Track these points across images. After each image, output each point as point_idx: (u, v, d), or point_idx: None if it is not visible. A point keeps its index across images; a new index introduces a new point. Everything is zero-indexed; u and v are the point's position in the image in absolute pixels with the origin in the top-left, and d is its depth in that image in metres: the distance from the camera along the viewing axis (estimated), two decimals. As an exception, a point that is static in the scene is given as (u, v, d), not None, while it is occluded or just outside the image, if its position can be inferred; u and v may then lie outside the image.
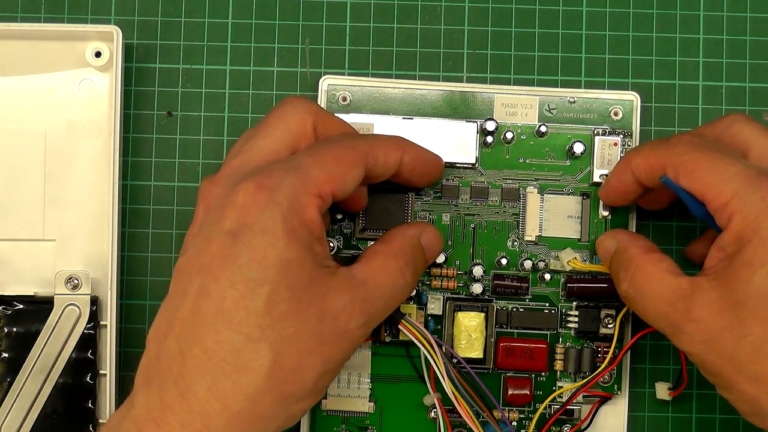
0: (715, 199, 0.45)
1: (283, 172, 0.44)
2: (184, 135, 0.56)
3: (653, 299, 0.47)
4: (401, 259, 0.48)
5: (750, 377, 0.44)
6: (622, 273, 0.49)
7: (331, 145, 0.47)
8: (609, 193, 0.53)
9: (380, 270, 0.47)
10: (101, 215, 0.54)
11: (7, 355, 0.53)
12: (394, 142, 0.49)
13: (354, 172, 0.46)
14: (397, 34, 0.57)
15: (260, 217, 0.43)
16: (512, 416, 0.54)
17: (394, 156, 0.49)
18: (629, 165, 0.50)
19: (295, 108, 0.48)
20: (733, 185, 0.45)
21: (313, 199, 0.44)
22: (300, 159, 0.45)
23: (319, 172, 0.45)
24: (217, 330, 0.42)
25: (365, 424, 0.54)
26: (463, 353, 0.53)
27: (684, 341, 0.46)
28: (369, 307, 0.46)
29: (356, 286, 0.45)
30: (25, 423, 0.52)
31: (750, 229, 0.44)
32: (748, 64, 0.57)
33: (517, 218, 0.54)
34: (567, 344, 0.54)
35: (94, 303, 0.53)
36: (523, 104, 0.54)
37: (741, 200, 0.45)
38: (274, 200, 0.43)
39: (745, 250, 0.44)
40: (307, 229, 0.44)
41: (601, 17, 0.57)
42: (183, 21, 0.56)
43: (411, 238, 0.50)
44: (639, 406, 0.55)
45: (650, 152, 0.49)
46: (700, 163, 0.46)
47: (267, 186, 0.44)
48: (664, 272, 0.47)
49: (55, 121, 0.55)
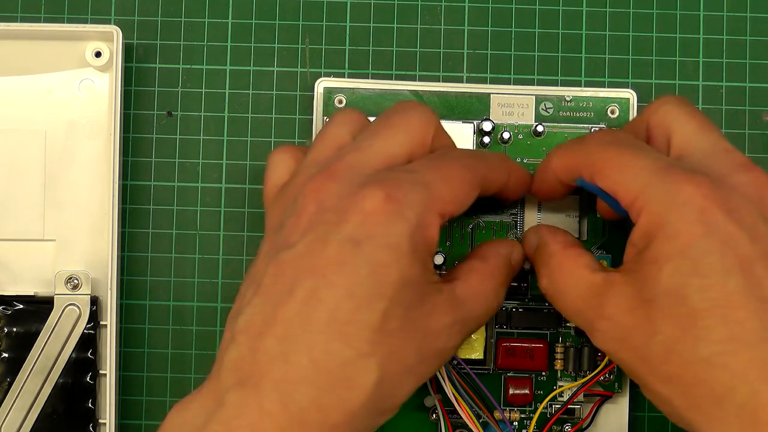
0: (625, 196, 0.44)
1: (412, 186, 0.43)
2: (184, 135, 0.56)
3: (570, 296, 0.46)
4: (497, 279, 0.48)
5: (662, 377, 0.42)
6: (542, 269, 0.48)
7: (455, 163, 0.46)
8: (537, 192, 0.52)
9: (478, 289, 0.46)
10: (101, 215, 0.54)
11: (7, 355, 0.53)
12: (503, 164, 0.49)
13: (473, 194, 0.46)
14: (397, 34, 0.57)
15: (387, 230, 0.42)
16: (513, 416, 0.54)
17: (504, 178, 0.49)
18: (550, 166, 0.49)
19: (420, 115, 0.46)
20: (640, 180, 0.43)
21: (437, 218, 0.43)
22: (426, 173, 0.44)
23: (445, 190, 0.44)
24: (327, 340, 0.41)
25: (365, 424, 0.54)
26: (464, 354, 0.53)
27: (598, 339, 0.45)
28: (465, 327, 0.45)
29: (458, 306, 0.45)
30: (25, 423, 0.52)
31: (656, 224, 0.43)
32: (748, 64, 0.56)
33: (515, 218, 0.54)
34: (567, 343, 0.54)
35: (94, 303, 0.53)
36: (520, 104, 0.54)
37: (648, 194, 0.43)
38: (402, 215, 0.42)
39: (652, 246, 0.43)
40: (427, 248, 0.43)
41: (601, 17, 0.57)
42: (183, 21, 0.57)
43: (505, 258, 0.49)
44: (640, 404, 0.55)
45: (565, 153, 0.48)
46: (608, 161, 0.45)
47: (396, 198, 0.42)
48: (582, 268, 0.46)
49: (55, 121, 0.55)
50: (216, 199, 0.56)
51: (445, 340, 0.44)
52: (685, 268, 0.42)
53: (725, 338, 0.41)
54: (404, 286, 0.42)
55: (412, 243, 0.42)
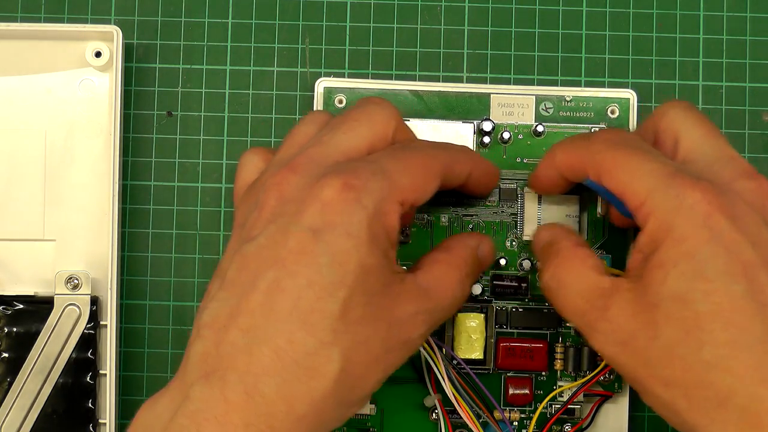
0: (632, 199, 0.44)
1: (370, 174, 0.43)
2: (184, 135, 0.56)
3: (572, 294, 0.46)
4: (462, 270, 0.47)
5: (663, 381, 0.42)
6: (547, 263, 0.48)
7: (415, 153, 0.46)
8: (536, 185, 0.52)
9: (442, 280, 0.46)
10: (101, 215, 0.54)
11: (7, 355, 0.53)
12: (467, 154, 0.49)
13: (434, 183, 0.46)
14: (397, 34, 0.57)
15: (345, 218, 0.42)
16: (513, 416, 0.54)
17: (467, 169, 0.49)
18: (554, 161, 0.49)
19: (382, 110, 0.46)
20: (647, 184, 0.44)
21: (396, 206, 0.44)
22: (386, 163, 0.44)
23: (404, 178, 0.44)
24: (290, 330, 0.41)
25: (366, 426, 0.54)
26: (464, 354, 0.53)
27: (598, 341, 0.45)
28: (431, 317, 0.45)
29: (422, 295, 0.45)
30: (25, 423, 0.52)
31: (663, 229, 0.43)
32: (748, 64, 0.56)
33: (515, 218, 0.54)
34: (567, 343, 0.54)
35: (94, 303, 0.53)
36: (520, 104, 0.54)
37: (655, 199, 0.43)
38: (360, 202, 0.42)
39: (659, 251, 0.43)
40: (387, 236, 0.43)
41: (601, 17, 0.57)
42: (183, 21, 0.57)
43: (471, 249, 0.49)
44: (640, 404, 0.55)
45: (571, 150, 0.48)
46: (616, 163, 0.45)
47: (354, 186, 0.42)
48: (588, 268, 0.46)
49: (55, 121, 0.55)
50: (216, 199, 0.56)
51: (411, 329, 0.44)
52: (690, 272, 0.42)
53: (728, 342, 0.41)
54: (365, 274, 0.42)
55: (371, 231, 0.42)
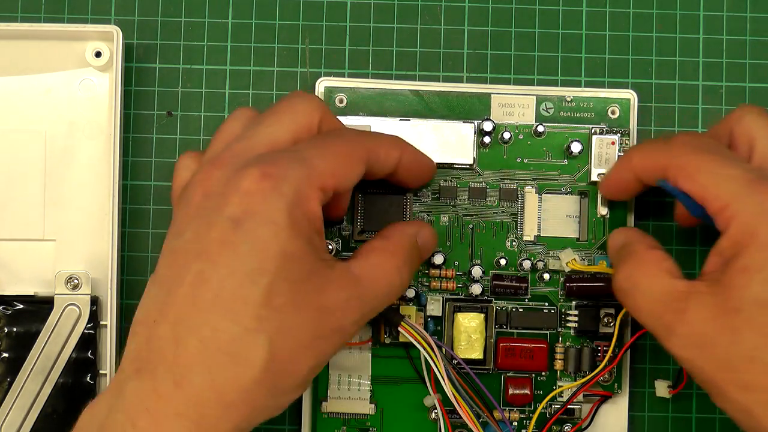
0: (714, 203, 0.45)
1: (289, 162, 0.44)
2: (184, 135, 0.56)
3: (648, 296, 0.46)
4: (399, 258, 0.48)
5: (742, 386, 0.43)
6: (622, 265, 0.48)
7: (336, 140, 0.46)
8: (610, 189, 0.52)
9: (378, 267, 0.47)
10: (101, 215, 0.54)
11: (7, 355, 0.53)
12: (394, 141, 0.49)
13: (357, 168, 0.46)
14: (397, 34, 0.57)
15: (264, 206, 0.43)
16: (513, 416, 0.54)
17: (394, 155, 0.49)
18: (630, 163, 0.50)
19: (304, 101, 0.47)
20: (731, 189, 0.44)
21: (316, 192, 0.44)
22: (306, 150, 0.45)
23: (324, 164, 0.45)
24: (214, 319, 0.42)
25: (366, 426, 0.54)
26: (463, 354, 0.53)
27: (675, 344, 0.45)
28: (365, 304, 0.45)
29: (354, 282, 0.45)
30: (25, 423, 0.52)
31: (747, 234, 0.43)
32: (748, 64, 0.56)
33: (516, 218, 0.54)
34: (567, 344, 0.54)
35: (94, 303, 0.53)
36: (520, 104, 0.54)
37: (739, 204, 0.44)
38: (279, 190, 0.43)
39: (742, 256, 0.43)
40: (309, 222, 0.44)
41: (601, 17, 0.57)
42: (183, 21, 0.57)
43: (409, 237, 0.49)
44: (639, 405, 0.55)
45: (650, 152, 0.49)
46: (699, 166, 0.46)
47: (272, 175, 0.43)
48: (664, 272, 0.47)
49: (55, 121, 0.55)
50: (216, 199, 0.56)
51: (342, 316, 0.44)
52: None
53: None
54: (287, 261, 0.42)
55: (291, 217, 0.43)
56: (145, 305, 0.44)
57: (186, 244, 0.44)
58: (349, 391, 0.54)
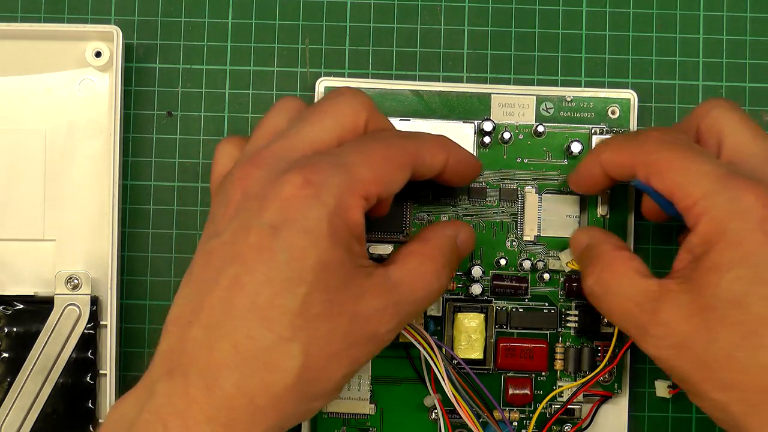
0: (684, 200, 0.44)
1: (332, 168, 0.43)
2: (184, 135, 0.56)
3: (620, 298, 0.46)
4: (438, 261, 0.47)
5: (720, 384, 0.43)
6: (590, 268, 0.48)
7: (380, 144, 0.45)
8: (578, 183, 0.52)
9: (416, 272, 0.46)
10: (101, 215, 0.54)
11: (7, 355, 0.53)
12: (440, 144, 0.48)
13: (401, 174, 0.46)
14: (397, 34, 0.57)
15: (304, 215, 0.42)
16: (513, 416, 0.54)
17: (441, 159, 0.48)
18: (599, 159, 0.49)
19: (350, 100, 0.46)
20: (702, 185, 0.44)
21: (359, 201, 0.43)
22: (348, 156, 0.44)
23: (367, 172, 0.44)
24: (248, 326, 0.41)
25: (366, 426, 0.54)
26: (463, 354, 0.53)
27: (651, 345, 0.45)
28: (401, 310, 0.45)
29: (391, 289, 0.45)
30: (25, 423, 0.52)
31: (717, 231, 0.43)
32: (748, 64, 0.56)
33: (516, 218, 0.54)
34: (567, 344, 0.54)
35: (94, 303, 0.53)
36: (521, 104, 0.54)
37: (709, 201, 0.43)
38: (320, 198, 0.42)
39: (712, 253, 0.43)
40: (349, 230, 0.43)
41: (601, 17, 0.57)
42: (183, 21, 0.56)
43: (449, 239, 0.48)
44: (639, 405, 0.55)
45: (620, 148, 0.48)
46: (669, 163, 0.45)
47: (314, 182, 0.42)
48: (633, 272, 0.46)
49: (55, 121, 0.55)
50: (216, 199, 0.56)
51: (378, 324, 0.44)
52: (747, 276, 0.42)
53: None
54: (324, 270, 0.42)
55: (331, 226, 0.42)
56: (179, 304, 0.43)
57: (223, 246, 0.43)
58: (349, 391, 0.54)
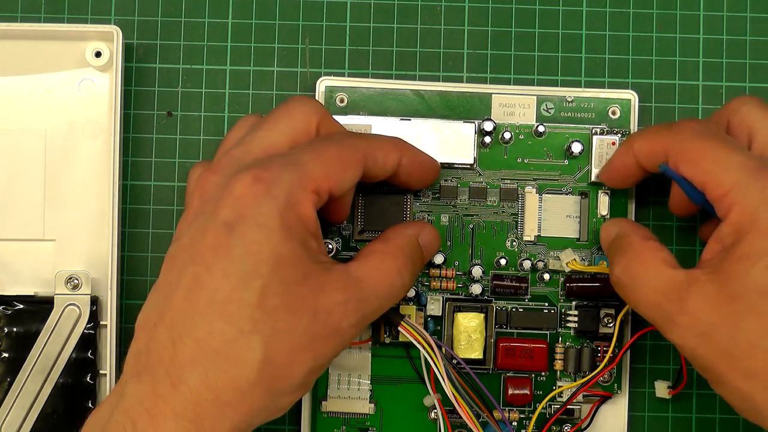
0: (715, 189, 0.45)
1: (282, 166, 0.44)
2: (184, 135, 0.56)
3: (647, 288, 0.46)
4: (400, 259, 0.48)
5: (745, 373, 0.43)
6: (618, 257, 0.48)
7: (331, 143, 0.47)
8: (611, 175, 0.52)
9: (377, 269, 0.47)
10: (101, 215, 0.54)
11: (7, 355, 0.53)
12: (393, 143, 0.49)
13: (352, 172, 0.47)
14: (397, 34, 0.57)
15: (256, 210, 0.43)
16: (513, 416, 0.54)
17: (393, 158, 0.49)
18: (632, 148, 0.50)
19: (302, 105, 0.48)
20: (734, 175, 0.44)
21: (309, 195, 0.44)
22: (299, 154, 0.45)
23: (317, 168, 0.45)
24: (209, 321, 0.42)
25: (366, 425, 0.54)
26: (463, 354, 0.53)
27: (677, 334, 0.45)
28: (364, 306, 0.46)
29: (352, 284, 0.45)
30: (25, 423, 0.52)
31: (749, 220, 0.43)
32: (748, 64, 0.56)
33: (516, 218, 0.54)
34: (567, 344, 0.54)
35: (94, 303, 0.53)
36: (521, 104, 0.54)
37: (741, 191, 0.44)
38: (270, 194, 0.43)
39: (743, 243, 0.43)
40: (302, 225, 0.44)
41: (601, 17, 0.57)
42: (183, 21, 0.56)
43: (410, 238, 0.49)
44: (639, 405, 0.55)
45: (654, 137, 0.49)
46: (702, 152, 0.46)
47: (264, 179, 0.44)
48: (661, 262, 0.47)
49: (55, 121, 0.55)
50: (216, 199, 0.56)
51: (340, 317, 0.44)
52: None
53: None
54: (280, 263, 0.43)
55: (283, 220, 0.43)
56: (146, 310, 0.45)
57: (183, 249, 0.44)
58: (349, 390, 0.54)
